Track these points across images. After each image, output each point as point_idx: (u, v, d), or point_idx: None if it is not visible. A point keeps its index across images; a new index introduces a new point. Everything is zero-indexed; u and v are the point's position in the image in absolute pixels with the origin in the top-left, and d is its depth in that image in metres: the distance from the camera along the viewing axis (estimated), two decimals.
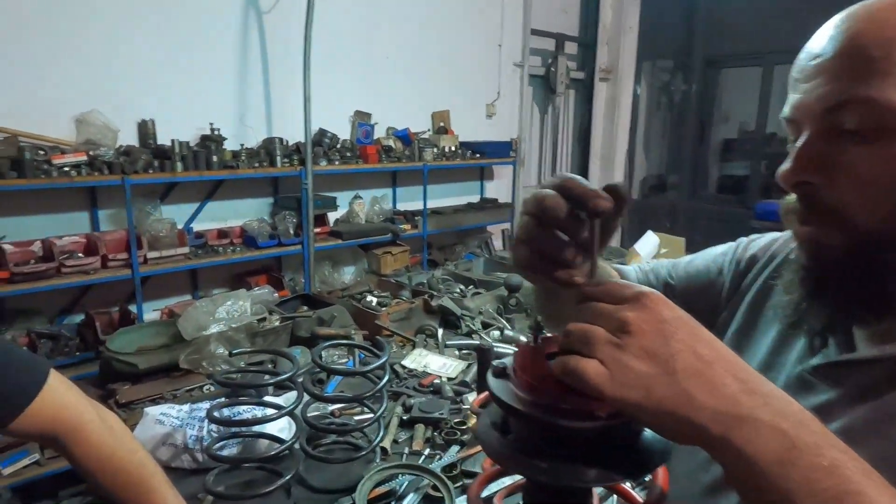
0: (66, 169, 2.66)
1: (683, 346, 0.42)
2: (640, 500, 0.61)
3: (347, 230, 3.74)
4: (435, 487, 1.31)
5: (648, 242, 2.81)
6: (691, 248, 2.72)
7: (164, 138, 3.08)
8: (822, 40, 0.55)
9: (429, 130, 4.40)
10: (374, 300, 2.36)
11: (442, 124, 4.43)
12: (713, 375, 0.41)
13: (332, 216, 3.90)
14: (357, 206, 3.92)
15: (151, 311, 3.17)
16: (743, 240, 0.87)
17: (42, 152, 2.68)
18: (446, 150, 4.22)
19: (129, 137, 3.07)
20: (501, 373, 0.58)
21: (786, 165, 0.57)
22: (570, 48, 5.55)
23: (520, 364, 0.55)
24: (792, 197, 0.58)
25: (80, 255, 2.80)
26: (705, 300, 0.86)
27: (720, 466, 0.44)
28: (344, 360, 1.98)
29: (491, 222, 4.74)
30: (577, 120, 5.88)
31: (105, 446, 1.00)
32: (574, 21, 5.65)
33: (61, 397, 0.98)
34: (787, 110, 0.58)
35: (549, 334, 0.57)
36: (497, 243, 5.02)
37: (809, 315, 0.60)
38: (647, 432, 0.55)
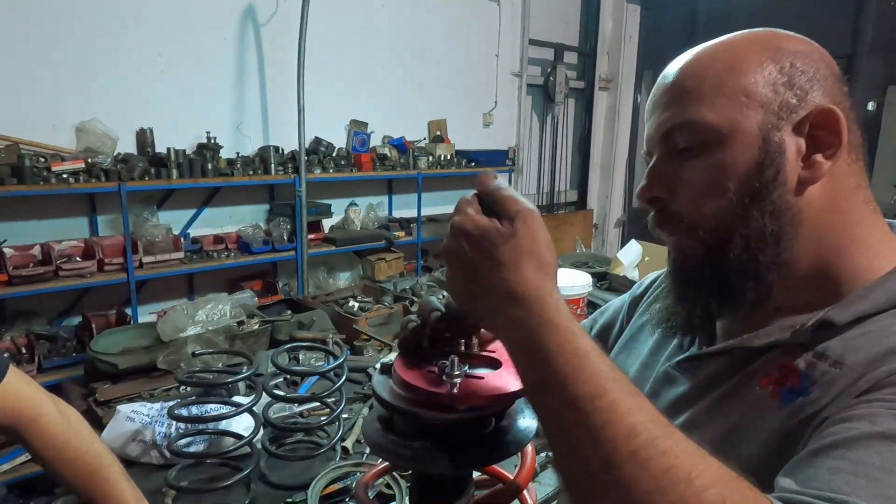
0: (65, 176, 2.76)
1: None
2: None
3: (341, 237, 3.80)
4: (388, 486, 1.36)
5: (632, 251, 2.84)
6: None
7: (162, 146, 3.17)
8: (658, 83, 0.67)
9: (425, 139, 4.46)
10: (357, 305, 2.42)
11: (438, 133, 4.49)
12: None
13: (328, 223, 3.97)
14: (352, 212, 3.99)
15: (148, 315, 3.25)
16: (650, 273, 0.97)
17: (42, 160, 2.78)
18: (441, 158, 4.28)
19: (127, 146, 3.16)
20: (387, 370, 0.64)
21: (640, 185, 0.67)
22: (570, 58, 5.60)
23: (399, 363, 0.61)
24: (652, 212, 0.67)
25: (78, 259, 2.90)
26: (613, 329, 0.95)
27: None
28: (320, 363, 2.04)
29: None
30: (577, 129, 5.91)
31: (61, 437, 1.06)
32: (574, 31, 5.69)
33: (20, 390, 1.04)
34: (644, 145, 0.70)
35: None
36: None
37: (676, 315, 0.68)
38: (510, 425, 0.60)
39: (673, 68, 0.65)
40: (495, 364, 0.61)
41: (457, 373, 0.55)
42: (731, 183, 0.60)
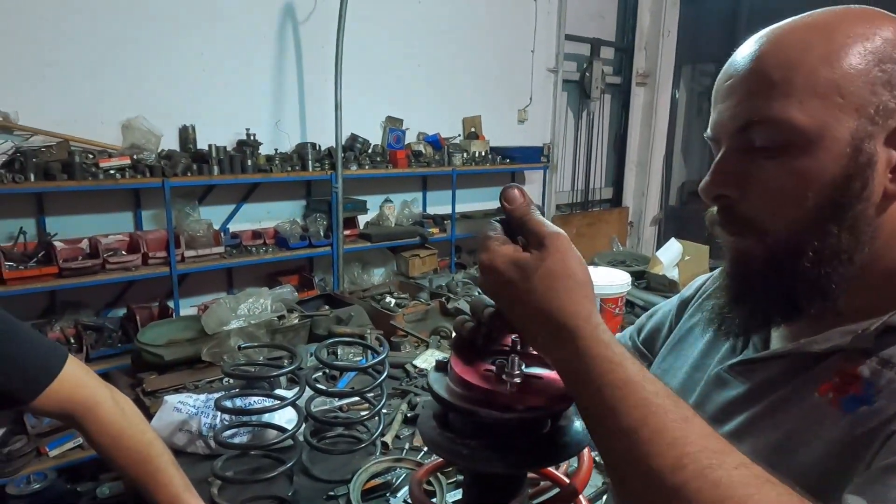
0: (112, 172, 2.84)
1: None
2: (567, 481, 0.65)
3: (376, 233, 3.83)
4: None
5: (671, 250, 2.78)
6: (716, 255, 2.67)
7: (203, 143, 3.24)
8: (736, 61, 0.60)
9: (459, 136, 4.46)
10: (393, 301, 2.43)
11: (473, 129, 4.48)
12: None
13: (363, 219, 4.00)
14: (387, 209, 4.01)
15: (189, 307, 3.33)
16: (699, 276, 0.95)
17: (91, 156, 2.87)
18: (476, 155, 4.27)
19: (171, 142, 3.24)
20: (442, 367, 0.63)
21: (704, 180, 0.62)
22: (607, 53, 5.51)
23: (455, 361, 0.61)
24: (714, 208, 0.63)
25: (124, 252, 2.98)
26: (661, 331, 0.93)
27: None
28: (358, 358, 2.05)
29: None
30: (613, 126, 5.82)
31: (116, 425, 1.10)
32: (611, 25, 5.60)
33: (78, 379, 1.08)
34: (709, 130, 0.64)
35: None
36: None
37: (730, 319, 0.65)
38: (567, 427, 0.59)
39: (756, 49, 0.58)
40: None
41: (516, 372, 0.55)
42: (812, 193, 0.55)
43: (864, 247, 0.56)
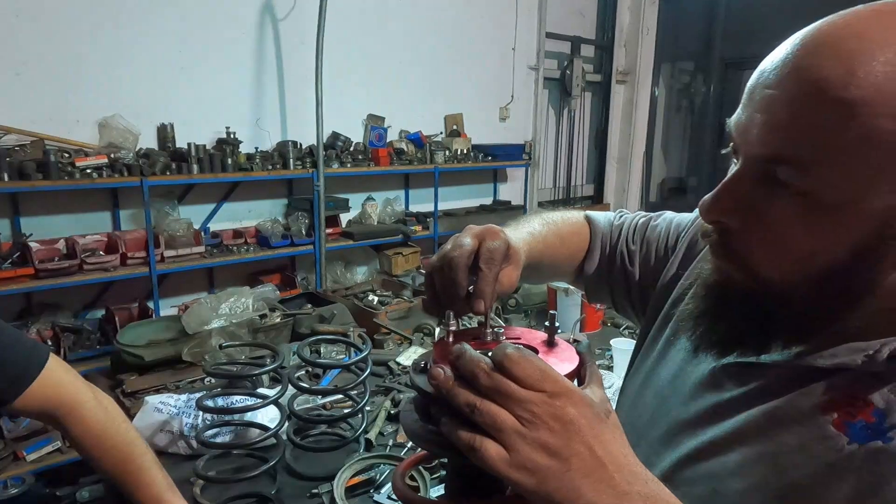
0: (89, 171, 2.80)
1: (583, 447, 0.44)
2: None
3: (359, 231, 3.82)
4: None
5: None
6: None
7: (182, 142, 3.20)
8: (784, 67, 0.50)
9: (441, 133, 4.46)
10: (376, 299, 2.43)
11: (455, 127, 4.48)
12: (603, 476, 0.44)
13: (345, 217, 3.99)
14: (369, 207, 4.00)
15: (169, 308, 3.29)
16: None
17: (67, 155, 2.83)
18: (458, 152, 4.28)
19: (149, 141, 3.20)
20: (422, 369, 0.64)
21: (708, 198, 0.56)
22: (587, 51, 5.56)
23: (437, 352, 0.61)
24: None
25: (102, 253, 2.94)
26: (653, 272, 0.89)
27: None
28: (341, 356, 2.05)
29: (503, 224, 4.78)
30: (594, 123, 5.87)
31: (98, 425, 1.09)
32: (591, 23, 5.65)
33: (60, 378, 1.07)
34: (732, 124, 0.56)
35: (453, 328, 0.63)
36: None
37: (703, 331, 0.63)
38: None
39: (808, 61, 0.48)
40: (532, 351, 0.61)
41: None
42: (820, 255, 0.51)
43: (856, 307, 0.53)
